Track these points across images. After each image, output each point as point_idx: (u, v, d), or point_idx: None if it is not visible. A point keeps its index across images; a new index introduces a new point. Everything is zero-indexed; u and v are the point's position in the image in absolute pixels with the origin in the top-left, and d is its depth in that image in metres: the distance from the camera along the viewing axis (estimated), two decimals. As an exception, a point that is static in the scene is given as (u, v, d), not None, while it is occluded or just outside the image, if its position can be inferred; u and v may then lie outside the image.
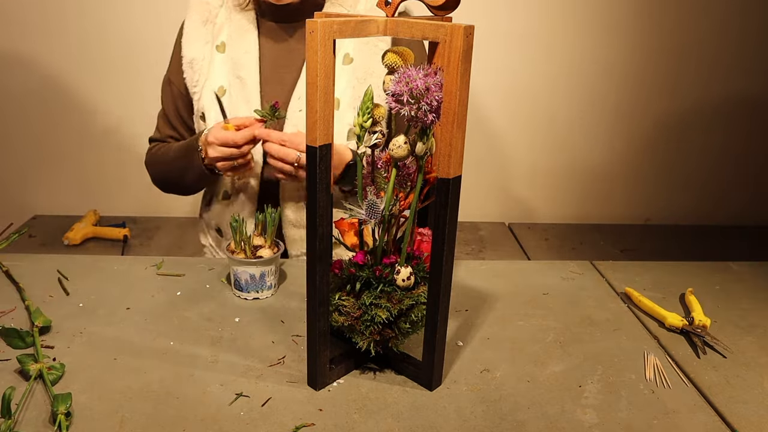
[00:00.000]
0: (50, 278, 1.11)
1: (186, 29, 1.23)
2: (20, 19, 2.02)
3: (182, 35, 1.23)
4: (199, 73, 1.22)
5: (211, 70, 1.22)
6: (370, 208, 0.78)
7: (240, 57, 1.21)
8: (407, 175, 0.81)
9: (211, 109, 1.21)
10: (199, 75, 1.22)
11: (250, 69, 1.20)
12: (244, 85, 1.20)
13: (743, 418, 0.82)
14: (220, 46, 1.22)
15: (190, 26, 1.23)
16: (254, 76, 1.20)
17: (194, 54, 1.22)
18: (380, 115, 0.79)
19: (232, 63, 1.21)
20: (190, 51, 1.22)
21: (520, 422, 0.79)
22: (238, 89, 1.20)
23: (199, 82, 1.22)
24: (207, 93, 1.21)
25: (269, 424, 0.77)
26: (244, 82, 1.20)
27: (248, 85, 1.20)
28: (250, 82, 1.20)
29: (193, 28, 1.22)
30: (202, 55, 1.22)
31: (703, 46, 2.22)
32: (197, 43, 1.22)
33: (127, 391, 0.82)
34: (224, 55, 1.22)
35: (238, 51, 1.21)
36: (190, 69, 1.22)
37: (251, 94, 1.20)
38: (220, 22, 1.23)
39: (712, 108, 2.32)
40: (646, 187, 2.41)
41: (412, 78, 0.70)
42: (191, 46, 1.22)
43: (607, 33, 2.18)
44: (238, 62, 1.20)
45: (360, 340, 0.84)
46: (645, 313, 1.08)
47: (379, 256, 0.82)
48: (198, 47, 1.22)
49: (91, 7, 2.03)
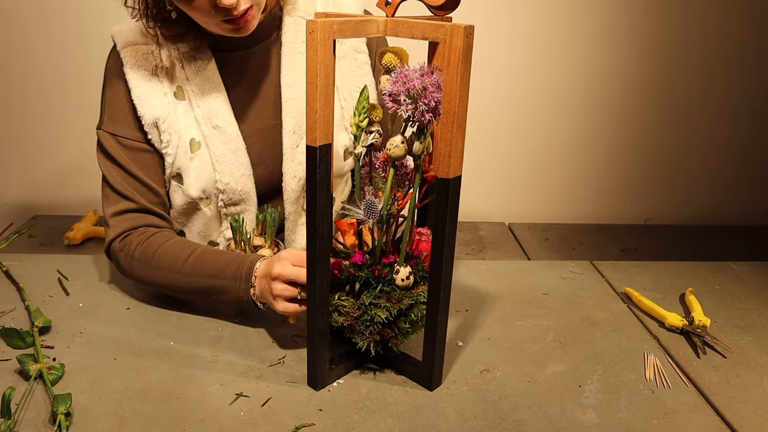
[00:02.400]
0: (50, 278, 1.11)
1: (133, 84, 1.01)
2: (20, 19, 2.02)
3: (128, 90, 1.01)
4: (168, 132, 1.02)
5: (178, 124, 1.03)
6: (369, 208, 0.78)
7: (209, 104, 1.03)
8: (405, 174, 0.81)
9: (188, 166, 1.03)
10: (169, 134, 1.02)
11: (225, 115, 1.04)
12: (224, 134, 1.04)
13: (743, 418, 0.82)
14: (177, 92, 1.03)
15: (138, 78, 1.01)
16: (232, 122, 1.04)
17: (157, 113, 1.01)
18: (376, 115, 0.79)
19: (201, 112, 1.03)
20: (149, 110, 1.01)
21: (520, 422, 0.79)
22: (218, 140, 1.04)
23: (170, 141, 1.02)
24: (181, 150, 1.03)
25: (269, 424, 0.77)
26: (222, 131, 1.04)
27: (228, 133, 1.04)
28: (230, 129, 1.04)
29: (142, 81, 1.01)
30: (166, 112, 1.02)
31: (705, 46, 2.22)
32: (155, 99, 1.01)
33: (127, 391, 0.82)
34: (185, 102, 1.04)
35: (204, 97, 1.04)
36: (154, 130, 1.02)
37: (236, 142, 1.04)
38: (167, 63, 1.03)
39: (712, 108, 2.31)
40: (646, 187, 2.41)
41: (409, 78, 0.70)
42: (149, 103, 1.01)
43: (607, 33, 2.18)
44: (209, 111, 1.03)
45: (360, 340, 0.84)
46: (645, 313, 1.08)
47: (378, 256, 0.82)
48: (157, 103, 1.01)
49: (91, 8, 2.03)
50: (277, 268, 0.87)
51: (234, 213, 1.08)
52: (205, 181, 1.05)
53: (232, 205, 1.08)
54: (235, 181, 1.05)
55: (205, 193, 1.06)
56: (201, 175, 1.04)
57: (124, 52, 1.02)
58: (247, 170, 1.06)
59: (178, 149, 1.03)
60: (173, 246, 0.99)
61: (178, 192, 1.06)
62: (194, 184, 1.04)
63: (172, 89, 1.04)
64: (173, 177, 1.06)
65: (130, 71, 1.01)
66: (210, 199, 1.07)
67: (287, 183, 1.08)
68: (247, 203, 1.08)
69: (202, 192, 1.06)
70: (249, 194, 1.07)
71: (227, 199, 1.07)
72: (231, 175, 1.05)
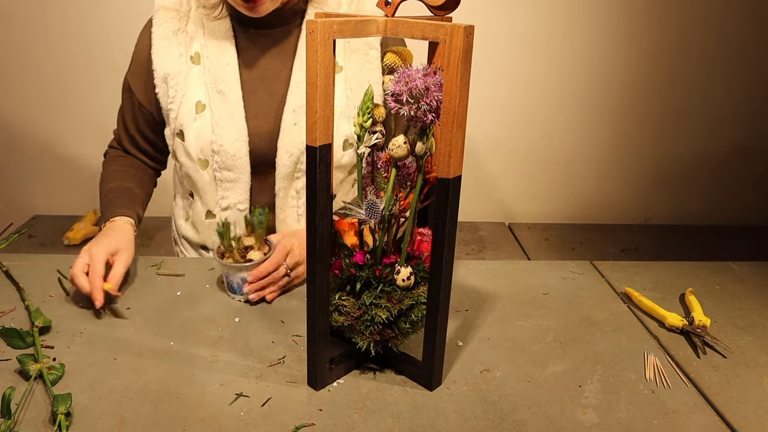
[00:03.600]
0: (50, 278, 1.11)
1: (155, 40, 1.13)
2: (20, 18, 2.02)
3: (151, 46, 1.13)
4: (175, 88, 1.12)
5: (187, 84, 1.12)
6: (370, 208, 0.78)
7: (219, 69, 1.12)
8: (407, 174, 0.81)
9: (190, 126, 1.12)
10: (175, 91, 1.12)
11: (231, 82, 1.12)
12: (226, 99, 1.11)
13: (743, 418, 0.82)
14: (194, 57, 1.12)
15: (160, 36, 1.12)
16: (236, 89, 1.12)
17: (168, 68, 1.12)
18: (380, 115, 0.79)
19: (211, 76, 1.12)
20: (163, 65, 1.12)
21: (520, 422, 0.79)
22: (220, 104, 1.12)
23: (175, 98, 1.12)
24: (185, 109, 1.12)
25: (269, 424, 0.77)
26: (225, 96, 1.11)
27: (231, 99, 1.11)
28: (233, 96, 1.11)
29: (163, 39, 1.12)
30: (177, 69, 1.12)
31: (704, 46, 2.22)
32: (170, 56, 1.12)
33: (127, 391, 0.82)
34: (200, 67, 1.12)
35: (216, 63, 1.12)
36: (164, 84, 1.13)
37: (235, 109, 1.12)
38: (191, 31, 1.13)
39: (712, 108, 2.31)
40: (645, 187, 2.41)
41: (412, 78, 0.70)
42: (164, 59, 1.12)
43: (607, 33, 2.18)
44: (217, 75, 1.11)
45: (360, 340, 0.84)
46: (645, 313, 1.08)
47: (379, 256, 0.82)
48: (172, 61, 1.12)
49: (91, 9, 2.03)
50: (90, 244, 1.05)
51: (227, 179, 1.14)
52: (203, 141, 1.12)
53: (226, 170, 1.13)
54: (229, 144, 1.11)
55: (203, 154, 1.13)
56: (200, 136, 1.12)
57: (156, 15, 1.14)
58: (242, 137, 1.12)
59: (181, 106, 1.12)
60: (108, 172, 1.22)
61: (180, 149, 1.15)
62: (193, 143, 1.13)
63: (189, 53, 1.13)
64: (177, 134, 1.15)
65: (156, 30, 1.13)
66: (207, 161, 1.14)
67: (281, 158, 1.13)
68: (240, 171, 1.14)
69: (200, 152, 1.13)
70: (241, 161, 1.13)
71: (221, 162, 1.13)
72: (225, 138, 1.11)
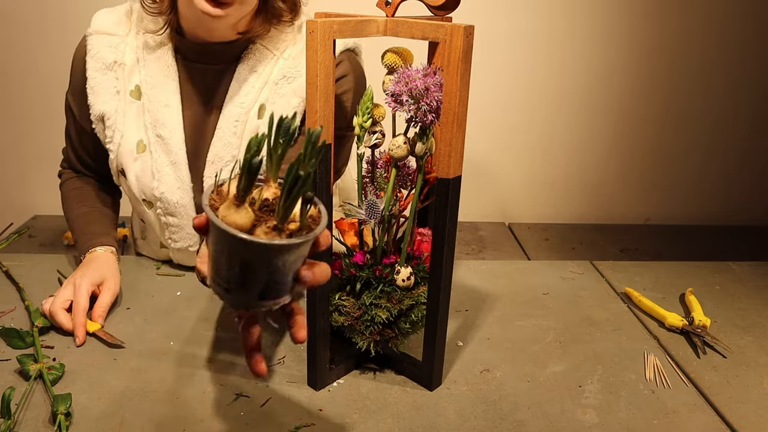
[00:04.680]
0: (50, 278, 1.11)
1: (90, 73, 1.02)
2: (20, 18, 2.02)
3: (86, 79, 1.03)
4: (112, 129, 1.03)
5: (126, 124, 1.03)
6: (370, 208, 0.78)
7: (158, 111, 1.02)
8: (407, 175, 0.81)
9: (131, 166, 1.04)
10: (113, 131, 1.03)
11: (172, 126, 1.02)
12: (166, 144, 1.02)
13: (743, 418, 0.82)
14: (134, 91, 1.03)
15: (94, 69, 1.02)
16: (178, 133, 1.02)
17: (104, 108, 1.02)
18: (380, 115, 0.79)
19: (151, 117, 1.02)
20: (98, 104, 1.02)
21: (520, 422, 0.79)
22: (161, 148, 1.03)
23: (113, 138, 1.04)
24: (125, 149, 1.04)
25: (269, 424, 0.77)
26: (166, 141, 1.02)
27: (171, 144, 1.02)
28: (174, 142, 1.02)
29: (98, 72, 1.02)
30: (113, 108, 1.02)
31: (705, 46, 2.22)
32: (106, 94, 1.02)
33: (127, 391, 0.82)
34: (140, 103, 1.03)
35: (155, 103, 1.02)
36: (100, 123, 1.04)
37: (176, 154, 1.03)
38: (130, 63, 1.03)
39: (713, 109, 2.31)
40: (646, 187, 2.41)
41: (412, 78, 0.70)
42: (100, 96, 1.02)
43: (607, 33, 2.18)
44: (156, 118, 1.02)
45: (360, 340, 0.84)
46: (645, 313, 1.08)
47: (379, 256, 0.82)
48: (108, 99, 1.02)
49: (92, 9, 2.03)
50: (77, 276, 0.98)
51: (172, 224, 1.07)
52: (144, 185, 1.05)
53: (170, 215, 1.07)
54: (171, 192, 1.04)
55: (146, 196, 1.07)
56: (141, 179, 1.05)
57: (90, 39, 1.03)
58: (185, 185, 1.04)
59: (120, 147, 1.04)
60: (72, 193, 1.16)
61: (124, 186, 1.10)
62: (135, 185, 1.06)
63: (129, 86, 1.03)
64: (120, 172, 1.08)
65: (90, 60, 1.02)
66: (152, 203, 1.07)
67: None
68: (184, 218, 1.06)
69: (143, 194, 1.06)
70: (185, 208, 1.05)
71: (164, 208, 1.06)
72: (167, 186, 1.03)
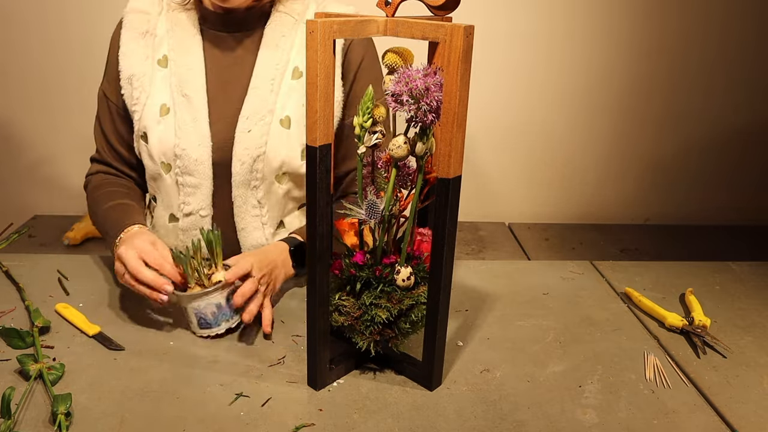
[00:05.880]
0: (50, 278, 1.11)
1: (123, 42, 1.12)
2: (20, 18, 2.02)
3: (119, 48, 1.13)
4: (139, 90, 1.11)
5: (152, 87, 1.12)
6: (370, 208, 0.78)
7: (184, 73, 1.11)
8: (407, 175, 0.81)
9: (154, 128, 1.11)
10: (139, 92, 1.11)
11: (196, 86, 1.11)
12: (190, 103, 1.10)
13: (743, 418, 0.82)
14: (161, 60, 1.13)
15: (128, 38, 1.12)
16: (201, 93, 1.11)
17: (133, 70, 1.11)
18: (380, 115, 0.79)
19: (177, 79, 1.11)
20: (128, 66, 1.12)
21: (520, 422, 0.79)
22: (184, 108, 1.10)
23: (139, 99, 1.11)
24: (149, 111, 1.11)
25: (269, 424, 0.77)
26: (190, 100, 1.10)
27: (195, 102, 1.10)
28: (197, 100, 1.10)
29: (130, 41, 1.12)
30: (142, 71, 1.11)
31: (705, 46, 2.22)
32: (136, 58, 1.12)
33: (127, 391, 0.82)
34: (167, 70, 1.12)
35: (182, 66, 1.11)
36: (128, 85, 1.12)
37: (199, 112, 1.10)
38: (160, 34, 1.13)
39: (713, 109, 2.31)
40: (645, 187, 2.41)
41: (412, 78, 0.70)
42: (129, 61, 1.12)
43: (607, 33, 2.18)
44: (182, 79, 1.11)
45: (360, 340, 0.84)
46: (645, 313, 1.08)
47: (379, 256, 0.82)
48: (137, 62, 1.12)
49: (92, 9, 2.03)
50: (121, 249, 0.97)
51: (189, 184, 1.11)
52: (166, 145, 1.10)
53: (188, 175, 1.10)
54: (191, 149, 1.09)
55: (165, 158, 1.11)
56: (163, 139, 1.10)
57: (126, 17, 1.13)
58: (205, 142, 1.09)
59: (145, 108, 1.11)
60: (96, 191, 1.16)
61: (144, 151, 1.13)
62: (156, 146, 1.11)
63: (157, 55, 1.13)
64: (141, 136, 1.13)
65: (125, 33, 1.12)
66: (170, 165, 1.12)
67: (234, 166, 1.10)
68: (201, 176, 1.10)
69: (163, 155, 1.11)
70: (203, 166, 1.10)
71: (183, 167, 1.10)
72: (188, 143, 1.09)
